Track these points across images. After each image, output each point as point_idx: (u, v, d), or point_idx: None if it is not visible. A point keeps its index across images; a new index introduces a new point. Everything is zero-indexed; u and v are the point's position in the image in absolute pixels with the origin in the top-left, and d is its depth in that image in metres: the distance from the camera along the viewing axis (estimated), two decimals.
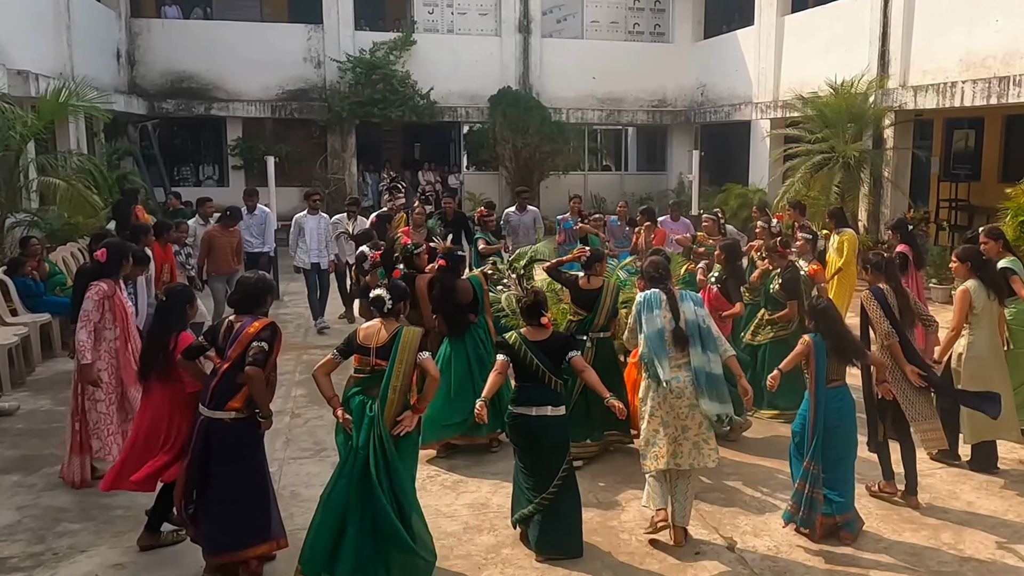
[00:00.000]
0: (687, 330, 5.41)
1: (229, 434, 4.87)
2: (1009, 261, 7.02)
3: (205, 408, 4.90)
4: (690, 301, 5.59)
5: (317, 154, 22.38)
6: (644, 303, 5.56)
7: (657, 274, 5.68)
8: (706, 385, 5.35)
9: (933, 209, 17.62)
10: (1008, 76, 12.98)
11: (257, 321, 4.92)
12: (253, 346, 4.80)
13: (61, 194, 11.99)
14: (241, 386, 4.83)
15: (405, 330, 5.02)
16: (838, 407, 5.53)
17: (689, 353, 5.40)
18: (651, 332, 5.44)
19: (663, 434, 5.37)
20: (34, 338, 9.63)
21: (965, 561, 5.25)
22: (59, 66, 15.45)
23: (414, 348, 4.93)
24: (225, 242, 10.35)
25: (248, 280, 5.17)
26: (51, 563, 5.21)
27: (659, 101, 24.37)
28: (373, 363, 5.00)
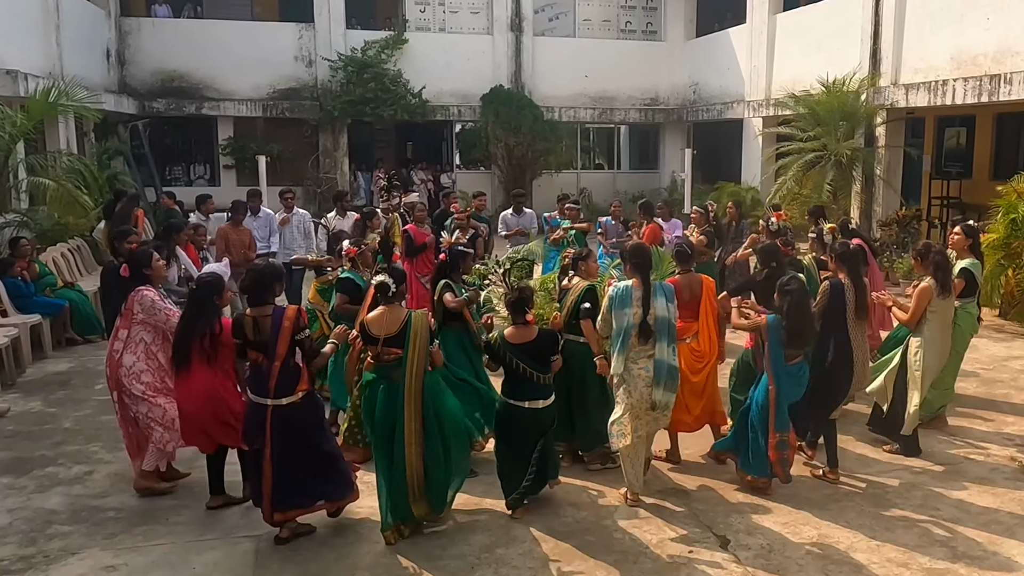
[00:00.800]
0: (656, 326, 5.72)
1: (303, 410, 5.18)
2: (969, 263, 7.33)
3: (270, 399, 5.09)
4: (663, 296, 5.81)
5: (309, 153, 22.35)
6: (616, 298, 5.78)
7: (640, 260, 5.84)
8: (666, 376, 5.74)
9: (925, 207, 17.64)
10: (999, 74, 13.02)
11: (287, 312, 5.12)
12: (301, 339, 5.12)
13: (51, 194, 11.95)
14: (299, 370, 5.12)
15: (414, 315, 5.26)
16: (797, 382, 6.01)
17: (655, 346, 5.73)
18: (618, 327, 5.76)
19: (628, 416, 5.76)
20: (24, 339, 9.57)
21: (957, 558, 5.25)
22: (48, 65, 15.39)
23: (426, 331, 5.25)
24: (237, 238, 10.34)
25: (259, 269, 5.40)
26: (42, 565, 5.18)
27: (651, 99, 24.40)
28: (383, 352, 5.23)
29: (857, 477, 6.46)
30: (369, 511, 5.63)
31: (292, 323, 5.07)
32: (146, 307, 5.95)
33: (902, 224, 15.19)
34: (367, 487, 5.67)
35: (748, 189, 19.09)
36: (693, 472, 6.54)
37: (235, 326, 5.24)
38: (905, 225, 15.19)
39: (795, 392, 6.03)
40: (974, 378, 8.92)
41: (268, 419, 5.10)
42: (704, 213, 10.40)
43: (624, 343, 5.73)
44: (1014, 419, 7.75)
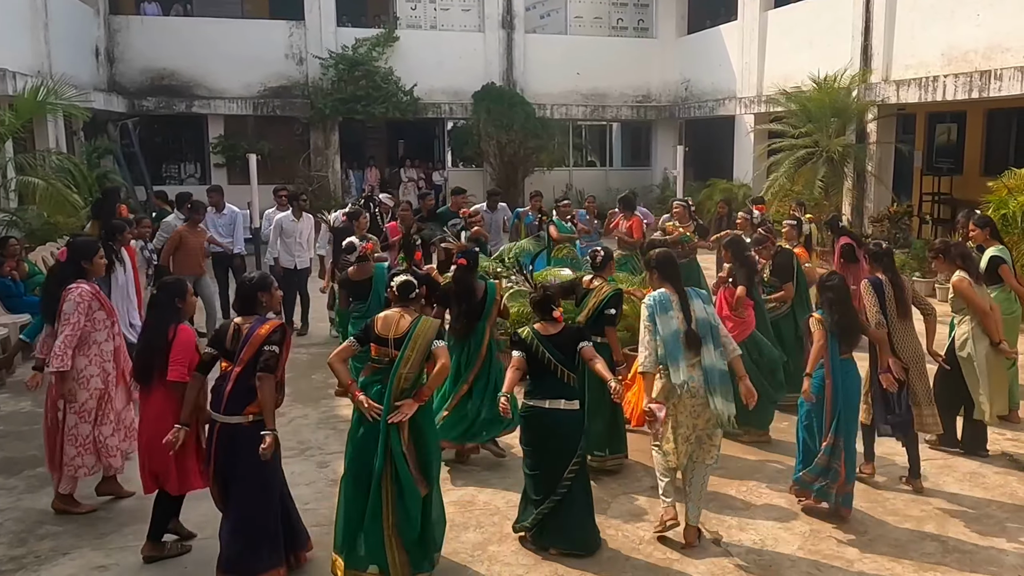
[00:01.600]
0: (699, 329, 5.31)
1: (248, 437, 4.66)
2: (998, 249, 7.31)
3: (219, 414, 4.75)
4: (698, 299, 5.47)
5: (300, 151, 22.29)
6: (657, 304, 5.38)
7: (668, 270, 5.52)
8: (719, 383, 5.28)
9: (916, 203, 17.69)
10: (989, 70, 13.06)
11: (267, 323, 4.83)
12: (265, 351, 4.69)
13: (40, 193, 11.86)
14: (254, 389, 4.71)
15: (423, 319, 5.01)
16: (848, 378, 5.71)
17: (701, 353, 5.30)
18: (667, 334, 5.29)
19: (675, 434, 5.35)
20: (14, 339, 9.49)
21: (949, 552, 5.27)
22: (37, 64, 15.30)
23: (429, 337, 4.89)
24: (194, 241, 9.99)
25: (248, 279, 5.09)
26: (33, 566, 5.15)
27: (643, 96, 24.40)
28: (391, 354, 4.93)
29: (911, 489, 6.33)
30: None
31: (267, 333, 4.74)
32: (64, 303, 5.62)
33: (894, 220, 15.24)
34: None
35: (740, 186, 19.12)
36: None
37: (215, 334, 4.98)
38: (897, 221, 15.24)
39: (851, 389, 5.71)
40: None
41: (214, 437, 4.77)
42: (687, 207, 10.47)
43: (677, 348, 5.28)
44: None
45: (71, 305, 5.62)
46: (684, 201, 10.69)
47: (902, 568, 5.08)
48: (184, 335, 5.12)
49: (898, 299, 6.16)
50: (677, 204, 10.55)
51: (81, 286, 5.75)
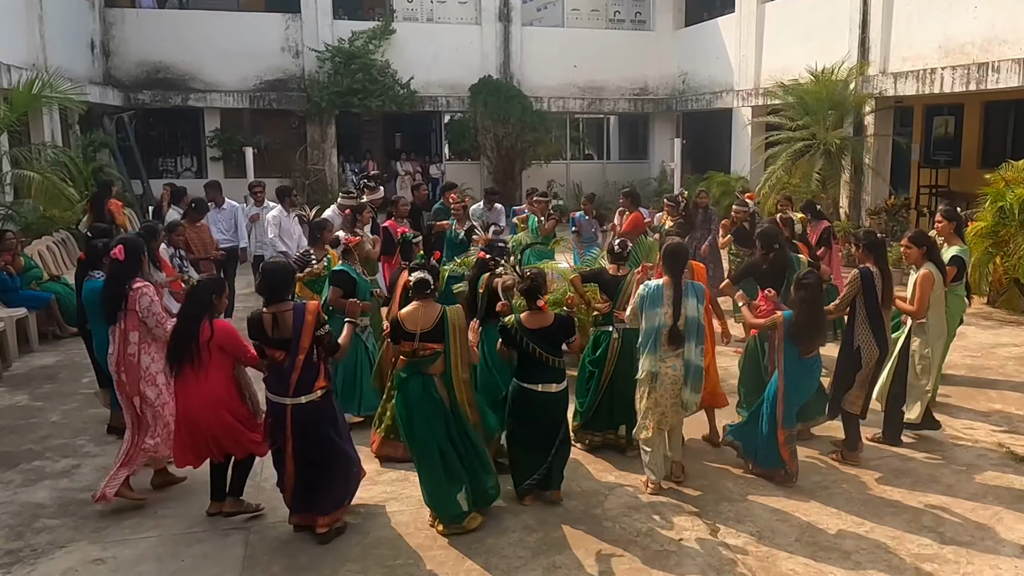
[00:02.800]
0: (687, 327, 5.71)
1: (322, 409, 5.14)
2: (960, 250, 7.49)
3: (288, 398, 5.05)
4: (694, 297, 5.75)
5: (297, 145, 22.23)
6: (647, 298, 5.72)
7: (674, 262, 5.77)
8: (692, 377, 5.80)
9: (913, 195, 17.70)
10: (987, 62, 13.04)
11: (308, 308, 5.09)
12: (321, 335, 5.08)
13: (36, 187, 11.83)
14: (319, 367, 5.10)
15: (449, 310, 5.27)
16: (809, 377, 6.07)
17: (684, 347, 5.75)
18: (648, 327, 5.75)
19: (654, 411, 5.82)
20: (10, 333, 9.51)
21: (945, 543, 5.27)
22: (32, 57, 15.25)
23: (462, 323, 5.28)
24: (195, 237, 9.94)
25: (273, 266, 5.31)
26: (30, 559, 5.15)
27: (640, 89, 24.36)
28: (420, 347, 5.22)
29: (846, 463, 6.48)
30: (356, 501, 5.60)
31: (315, 317, 5.05)
32: (143, 307, 5.71)
33: (891, 213, 15.22)
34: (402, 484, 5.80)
35: (737, 179, 19.07)
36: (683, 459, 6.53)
37: (252, 326, 5.13)
38: (894, 214, 15.22)
39: (807, 387, 6.11)
40: (962, 365, 8.97)
41: (288, 418, 5.07)
42: (675, 204, 10.60)
43: (655, 343, 5.73)
44: (1001, 405, 7.80)
45: (148, 300, 5.72)
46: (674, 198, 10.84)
47: (899, 560, 5.08)
48: (227, 332, 5.33)
49: (885, 289, 6.36)
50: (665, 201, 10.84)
51: (147, 283, 5.83)
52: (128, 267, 5.77)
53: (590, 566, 5.03)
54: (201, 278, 5.62)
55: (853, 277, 6.40)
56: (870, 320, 6.33)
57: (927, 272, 6.64)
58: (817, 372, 6.14)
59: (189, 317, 5.28)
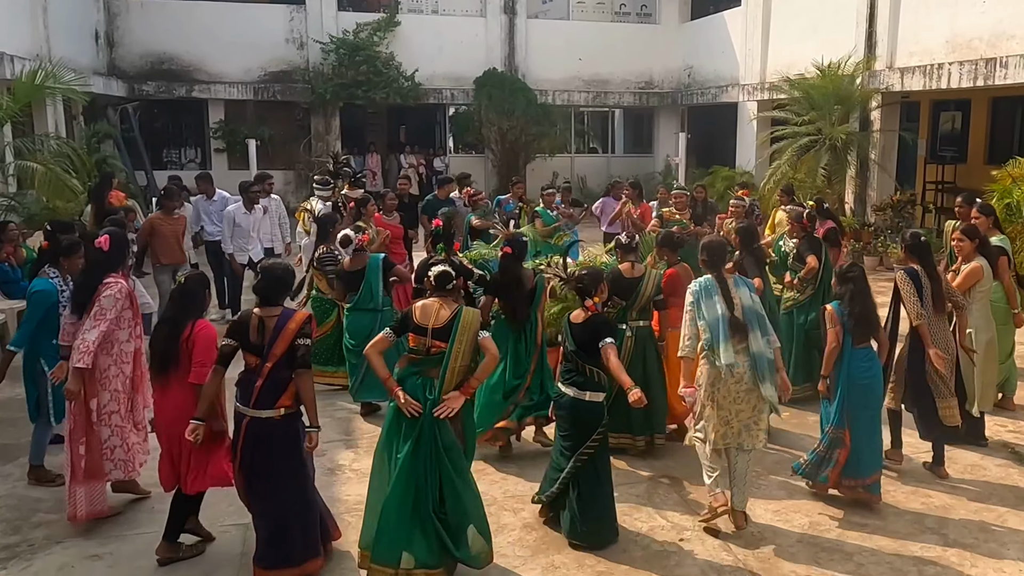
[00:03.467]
0: (746, 316, 5.37)
1: (280, 431, 4.64)
2: (1000, 239, 7.29)
3: (249, 408, 4.62)
4: (745, 288, 5.54)
5: (301, 137, 22.21)
6: (701, 291, 5.46)
7: (711, 259, 5.57)
8: (768, 370, 5.35)
9: (919, 191, 17.60)
10: (995, 58, 12.93)
11: (295, 316, 4.69)
12: (299, 344, 4.60)
13: (40, 178, 11.81)
14: (288, 382, 4.62)
15: (465, 310, 4.89)
16: (868, 366, 5.70)
17: (748, 340, 5.35)
18: (711, 318, 5.36)
19: (715, 416, 5.39)
20: (11, 324, 9.45)
21: (949, 545, 5.24)
22: (36, 47, 15.22)
23: (474, 329, 4.82)
24: (168, 229, 9.56)
25: (275, 269, 4.89)
26: (26, 554, 5.13)
27: (646, 83, 24.27)
28: (430, 344, 4.83)
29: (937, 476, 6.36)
30: (356, 498, 5.57)
31: (298, 326, 4.63)
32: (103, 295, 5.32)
33: (896, 209, 15.14)
34: None
35: (742, 173, 18.99)
36: (684, 459, 6.49)
37: (234, 326, 4.77)
38: (900, 210, 15.14)
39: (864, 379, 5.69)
40: None
41: (242, 432, 4.63)
42: (689, 196, 10.67)
43: (724, 332, 5.31)
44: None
45: (110, 300, 5.34)
46: (684, 189, 10.81)
47: (902, 562, 5.05)
48: (206, 332, 4.96)
49: (934, 292, 6.15)
50: (677, 192, 10.67)
51: (120, 281, 5.47)
52: (112, 258, 5.51)
53: (590, 565, 5.00)
54: (189, 274, 5.26)
55: (902, 278, 6.17)
56: None
57: (977, 266, 6.65)
58: (876, 363, 5.80)
59: (179, 316, 4.99)
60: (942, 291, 6.25)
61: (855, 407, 5.67)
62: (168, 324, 5.02)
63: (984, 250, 6.81)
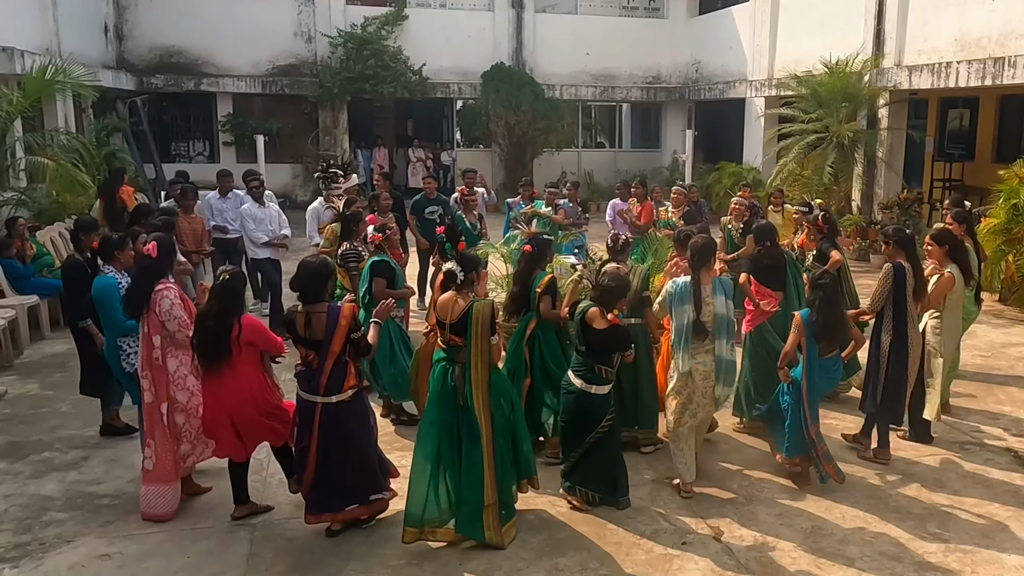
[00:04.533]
0: (716, 323, 5.73)
1: (352, 408, 5.12)
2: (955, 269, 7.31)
3: (319, 396, 5.04)
4: (722, 294, 5.75)
5: (308, 130, 22.24)
6: (676, 294, 5.76)
7: (700, 257, 5.78)
8: (724, 371, 5.81)
9: (927, 189, 17.57)
10: (1003, 57, 12.90)
11: (343, 310, 5.02)
12: (354, 338, 5.03)
13: (51, 174, 11.87)
14: (347, 366, 5.07)
15: (477, 304, 5.15)
16: (833, 377, 6.13)
17: (714, 342, 5.76)
18: (678, 324, 5.76)
19: (688, 411, 5.85)
20: (22, 320, 9.56)
21: (949, 551, 5.26)
22: (45, 42, 15.26)
23: (486, 320, 5.11)
24: (188, 228, 9.50)
25: (311, 265, 5.17)
26: (37, 553, 5.19)
27: (653, 78, 24.23)
28: (449, 338, 5.19)
29: (853, 467, 6.46)
30: None
31: (348, 321, 5.00)
32: (164, 309, 5.45)
33: (903, 207, 15.13)
34: None
35: (749, 169, 18.99)
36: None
37: (286, 323, 5.15)
38: (907, 208, 15.13)
39: (826, 386, 6.14)
40: (972, 365, 8.90)
41: (317, 417, 5.05)
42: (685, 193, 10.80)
43: (686, 340, 5.72)
44: (1011, 408, 7.76)
45: (169, 303, 5.46)
46: (683, 187, 10.83)
47: (903, 567, 5.08)
48: (256, 323, 5.31)
49: (916, 285, 6.40)
50: (676, 191, 10.78)
51: (172, 287, 5.60)
52: (160, 265, 5.57)
53: (593, 569, 5.04)
54: (231, 271, 5.34)
55: (886, 272, 6.36)
56: (895, 316, 6.35)
57: (949, 275, 6.70)
58: (837, 372, 6.19)
59: (222, 312, 5.15)
60: (924, 284, 6.48)
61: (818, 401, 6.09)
62: (213, 319, 5.14)
63: (957, 256, 6.86)
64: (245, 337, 5.15)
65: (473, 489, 5.14)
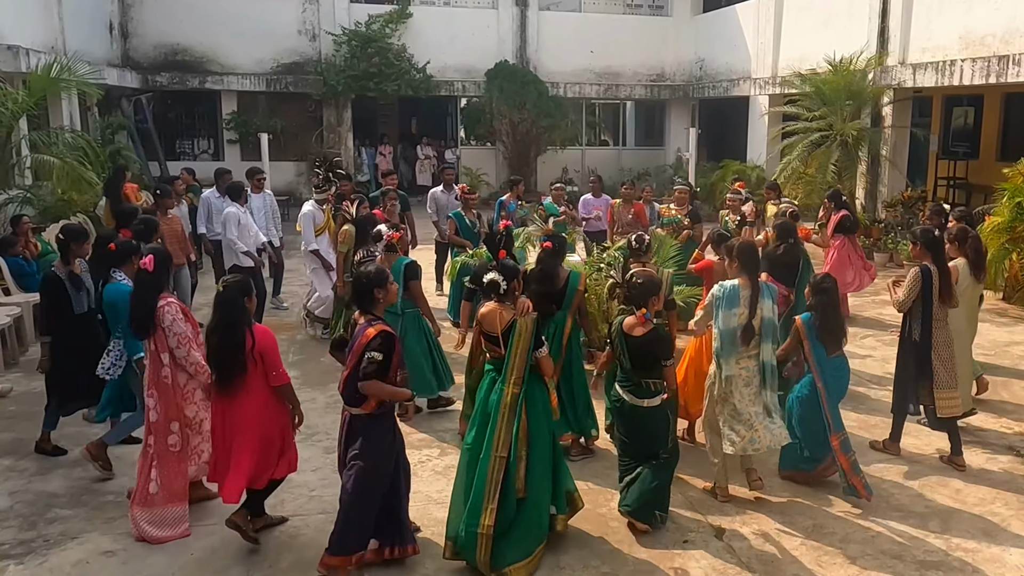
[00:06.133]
0: (763, 327, 5.63)
1: (369, 424, 4.85)
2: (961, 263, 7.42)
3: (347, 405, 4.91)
4: (769, 298, 5.71)
5: (313, 128, 22.27)
6: (724, 298, 5.63)
7: (749, 260, 5.73)
8: (768, 375, 5.71)
9: (931, 187, 17.55)
10: (1008, 55, 12.87)
11: (371, 328, 4.79)
12: (366, 358, 4.68)
13: (56, 172, 11.90)
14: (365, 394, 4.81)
15: (521, 320, 5.01)
16: (840, 375, 6.03)
17: (761, 347, 5.67)
18: (725, 329, 5.62)
19: (738, 422, 5.68)
20: (27, 318, 9.58)
21: (951, 551, 5.27)
22: (50, 40, 15.30)
23: (528, 337, 4.96)
24: (167, 229, 9.24)
25: (361, 275, 5.04)
26: (42, 550, 5.22)
27: (657, 76, 24.22)
28: (495, 350, 5.09)
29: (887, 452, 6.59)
30: None
31: (367, 341, 4.72)
32: (167, 323, 5.35)
33: (907, 205, 15.10)
34: None
35: (753, 168, 18.99)
36: (690, 460, 6.52)
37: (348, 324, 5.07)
38: (910, 206, 15.10)
39: (839, 387, 6.04)
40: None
41: (345, 424, 4.94)
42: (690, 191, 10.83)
43: (733, 345, 5.63)
44: (1013, 408, 7.75)
45: (179, 324, 5.36)
46: (684, 185, 10.82)
47: (904, 566, 5.09)
48: (270, 339, 5.07)
49: (943, 285, 6.42)
50: (679, 189, 10.72)
51: (173, 301, 5.48)
52: (157, 279, 5.44)
53: (595, 566, 5.06)
54: (228, 280, 5.14)
55: (914, 276, 6.41)
56: (922, 317, 6.42)
57: (953, 265, 6.81)
58: (846, 371, 6.15)
59: (228, 325, 4.98)
60: (951, 285, 6.49)
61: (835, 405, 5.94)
62: (222, 333, 4.98)
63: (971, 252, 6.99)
64: (258, 348, 4.97)
65: (476, 512, 4.90)
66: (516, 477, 4.93)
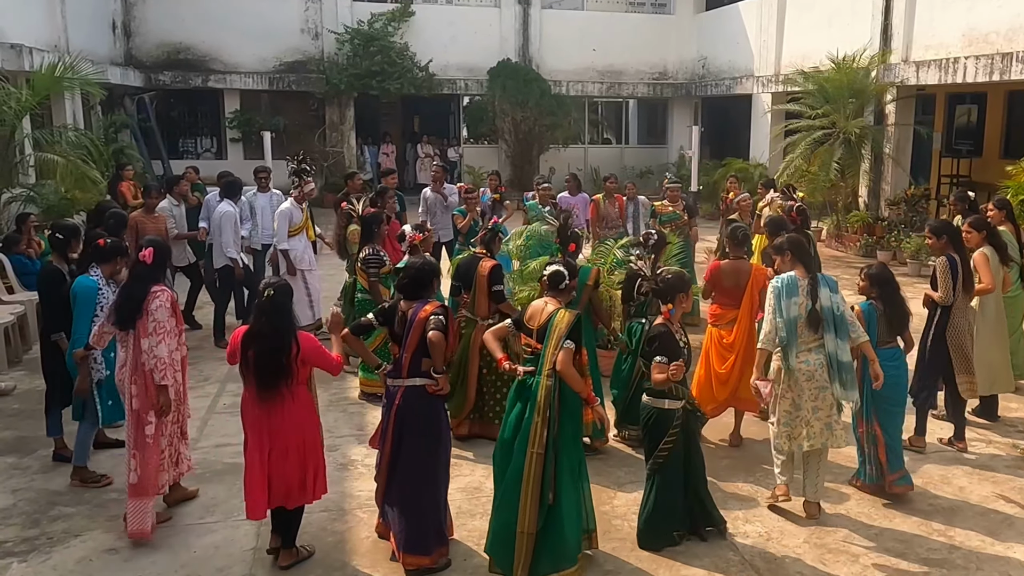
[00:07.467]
0: (823, 315, 5.48)
1: (424, 403, 4.89)
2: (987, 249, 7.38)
3: (403, 378, 4.90)
4: (827, 287, 5.58)
5: (315, 127, 22.29)
6: (783, 288, 5.56)
7: (800, 251, 5.69)
8: (839, 370, 5.48)
9: (934, 185, 17.52)
10: (1011, 52, 12.85)
11: (428, 305, 4.91)
12: (431, 320, 4.78)
13: (60, 170, 11.91)
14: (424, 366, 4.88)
15: (559, 312, 4.95)
16: (895, 364, 5.84)
17: (824, 338, 5.48)
18: (788, 318, 5.51)
19: (796, 416, 5.56)
20: (30, 316, 9.60)
21: (954, 548, 5.26)
22: (53, 38, 15.33)
23: (562, 330, 4.83)
24: (152, 227, 9.14)
25: (414, 265, 5.14)
26: (45, 548, 5.23)
27: (660, 74, 24.21)
28: (532, 344, 5.00)
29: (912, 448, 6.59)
30: (368, 494, 5.64)
31: (427, 315, 4.79)
32: (153, 308, 5.24)
33: (910, 203, 15.10)
34: None
35: (756, 166, 18.97)
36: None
37: (386, 313, 5.01)
38: (914, 204, 15.10)
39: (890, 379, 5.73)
40: None
41: (396, 401, 4.90)
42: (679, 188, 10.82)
43: (795, 334, 5.48)
44: (1017, 404, 7.73)
45: (164, 312, 5.27)
46: (677, 182, 10.81)
47: (907, 564, 5.08)
48: (315, 344, 4.98)
49: (965, 275, 6.63)
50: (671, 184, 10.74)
51: (166, 291, 5.41)
52: (154, 272, 5.39)
53: (598, 564, 5.06)
54: (275, 284, 4.89)
55: (943, 265, 6.59)
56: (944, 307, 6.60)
57: (981, 252, 6.93)
58: (901, 367, 5.94)
59: (278, 329, 4.78)
60: (971, 275, 6.67)
61: (887, 403, 5.84)
62: (270, 337, 4.78)
63: (994, 241, 7.11)
64: (303, 355, 4.82)
65: (507, 509, 4.79)
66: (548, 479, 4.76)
